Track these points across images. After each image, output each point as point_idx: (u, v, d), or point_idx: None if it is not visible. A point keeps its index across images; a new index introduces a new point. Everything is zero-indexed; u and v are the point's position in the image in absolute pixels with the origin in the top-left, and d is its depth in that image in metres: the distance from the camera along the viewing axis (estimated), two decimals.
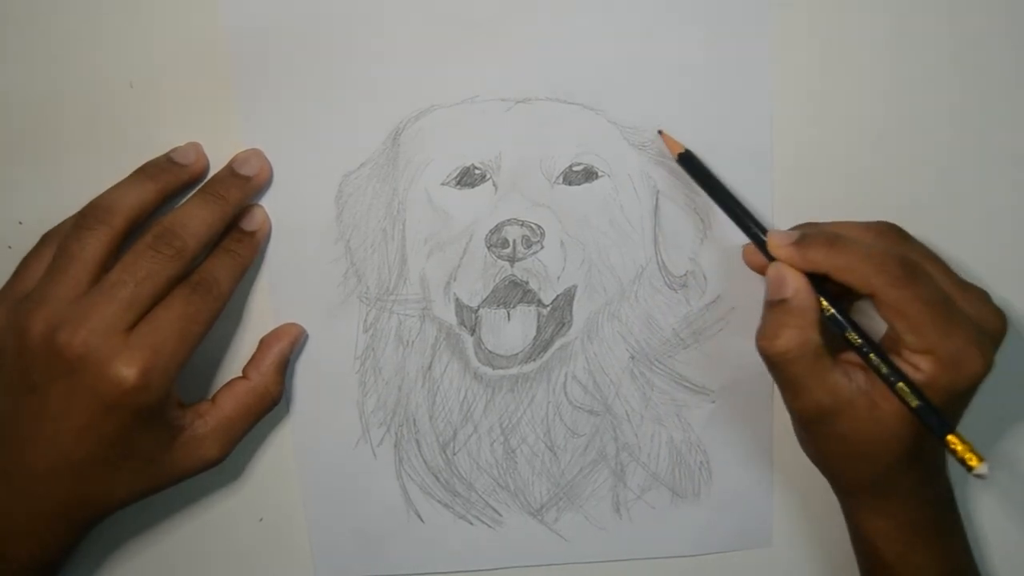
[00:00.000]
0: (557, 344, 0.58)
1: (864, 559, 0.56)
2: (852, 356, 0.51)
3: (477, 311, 0.57)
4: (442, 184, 0.56)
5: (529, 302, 0.57)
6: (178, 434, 0.53)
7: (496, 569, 0.62)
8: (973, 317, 0.49)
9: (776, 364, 0.50)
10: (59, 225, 0.54)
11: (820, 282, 0.50)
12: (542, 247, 0.56)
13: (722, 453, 0.60)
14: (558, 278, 0.57)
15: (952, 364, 0.48)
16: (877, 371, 0.49)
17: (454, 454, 0.60)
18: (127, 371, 0.48)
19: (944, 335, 0.48)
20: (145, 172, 0.53)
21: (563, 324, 0.57)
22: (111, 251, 0.51)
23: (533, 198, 0.56)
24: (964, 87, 0.55)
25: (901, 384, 0.48)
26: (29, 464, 0.50)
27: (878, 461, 0.51)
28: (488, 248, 0.56)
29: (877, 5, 0.54)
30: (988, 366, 0.49)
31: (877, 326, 0.51)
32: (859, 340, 0.50)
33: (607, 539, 0.61)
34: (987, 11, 0.54)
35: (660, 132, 0.55)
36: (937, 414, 0.48)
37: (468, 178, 0.56)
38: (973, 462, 0.47)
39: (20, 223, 0.56)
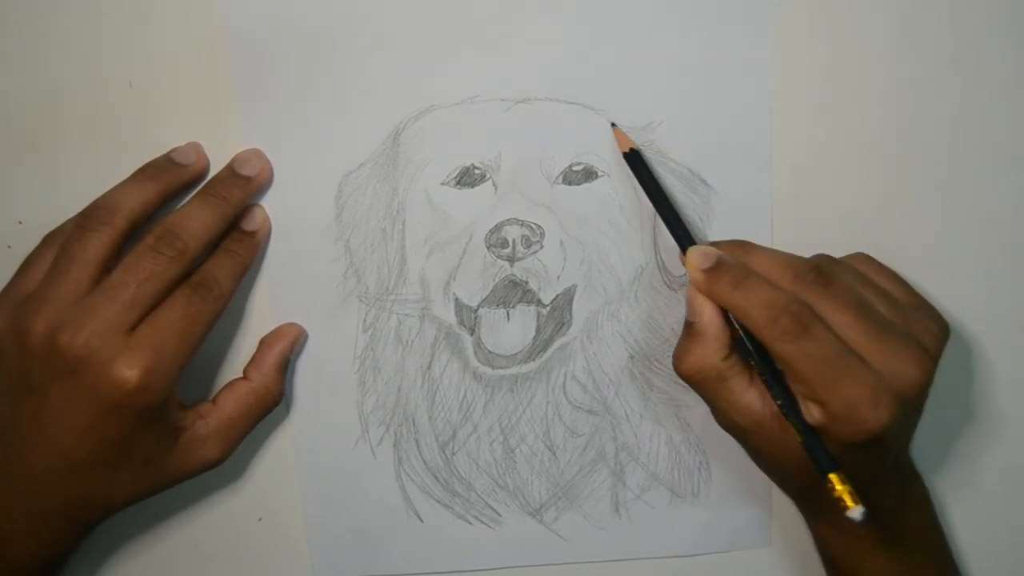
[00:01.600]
0: (556, 344, 0.58)
1: (822, 560, 0.56)
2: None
3: (476, 311, 0.57)
4: (442, 184, 0.56)
5: (529, 302, 0.57)
6: (179, 435, 0.53)
7: (495, 569, 0.62)
8: (881, 368, 0.48)
9: (687, 383, 0.52)
10: (61, 226, 0.54)
11: None
12: (542, 247, 0.56)
13: (721, 453, 0.60)
14: (558, 278, 0.56)
15: (842, 418, 0.47)
16: (774, 400, 0.50)
17: (453, 454, 0.60)
18: (129, 372, 0.48)
19: (831, 391, 0.47)
20: (146, 173, 0.53)
21: (563, 324, 0.57)
22: (113, 252, 0.51)
23: (533, 198, 0.56)
24: (964, 87, 0.54)
25: (792, 418, 0.49)
26: (30, 465, 0.50)
27: (796, 479, 0.52)
28: (488, 248, 0.56)
29: (877, 5, 0.53)
30: (884, 423, 0.47)
31: None
32: (760, 369, 0.50)
33: (606, 539, 0.61)
34: (987, 11, 0.53)
35: (613, 125, 0.54)
36: (823, 452, 0.48)
37: (468, 178, 0.56)
38: (848, 504, 0.48)
39: (20, 223, 0.56)
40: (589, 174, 0.56)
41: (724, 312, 0.50)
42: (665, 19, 0.53)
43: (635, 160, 0.54)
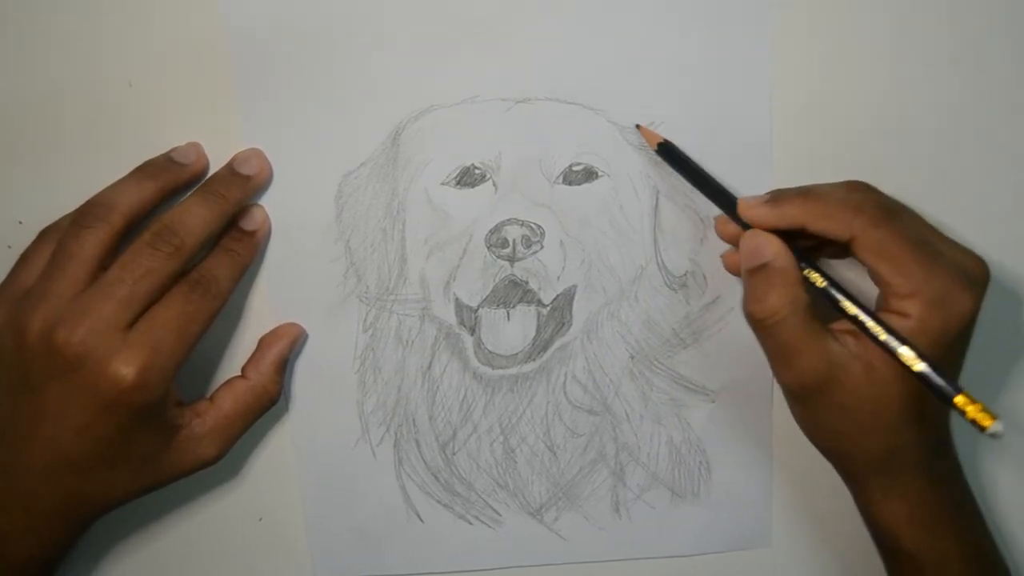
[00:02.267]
0: (557, 344, 0.58)
1: (885, 550, 0.53)
2: (841, 324, 0.49)
3: (477, 311, 0.57)
4: (442, 184, 0.56)
5: (529, 302, 0.57)
6: (176, 433, 0.52)
7: (495, 569, 0.62)
8: (958, 261, 0.48)
9: (768, 328, 0.49)
10: (57, 221, 0.54)
11: (799, 251, 0.50)
12: (542, 247, 0.56)
13: (722, 453, 0.60)
14: (558, 278, 0.56)
15: (940, 304, 0.47)
16: (876, 338, 0.47)
17: (453, 454, 0.59)
18: (125, 370, 0.48)
19: (929, 274, 0.47)
20: (144, 171, 0.53)
21: (563, 324, 0.57)
22: (110, 249, 0.51)
23: (533, 198, 0.56)
24: (964, 87, 0.54)
25: (903, 349, 0.47)
26: (27, 463, 0.50)
27: (882, 430, 0.49)
28: (488, 248, 0.56)
29: (877, 5, 0.53)
30: (976, 307, 0.48)
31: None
32: (855, 308, 0.48)
33: (606, 539, 0.61)
34: (987, 11, 0.53)
35: (638, 126, 0.54)
36: (944, 375, 0.46)
37: (468, 178, 0.56)
38: (986, 422, 0.45)
39: (20, 223, 0.55)
40: (589, 174, 0.56)
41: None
42: (665, 19, 0.53)
43: (668, 151, 0.54)
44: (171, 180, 0.53)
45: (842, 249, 0.50)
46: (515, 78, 0.54)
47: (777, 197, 0.50)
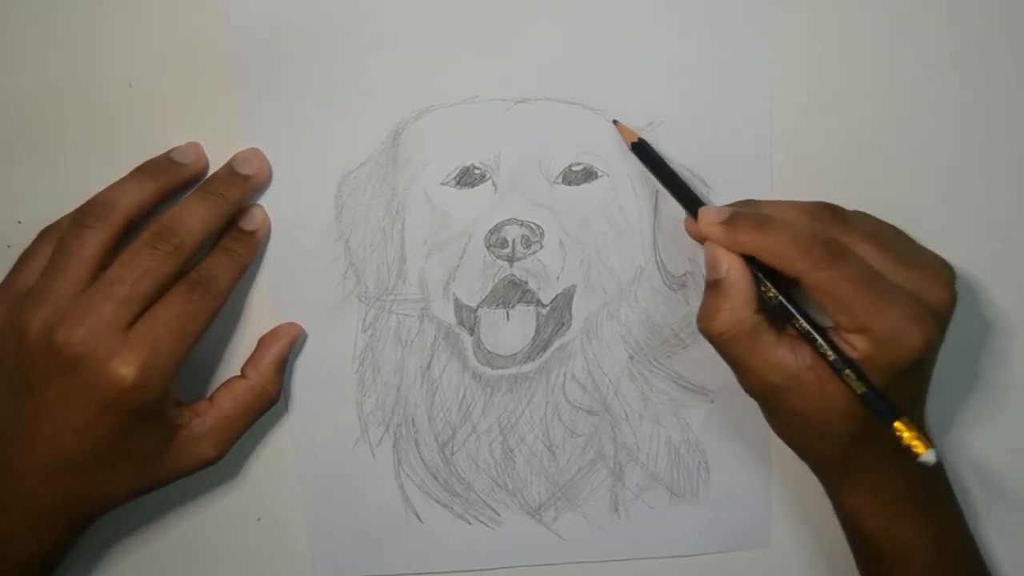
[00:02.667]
0: (556, 344, 0.57)
1: (850, 536, 0.55)
2: (795, 333, 0.50)
3: (476, 311, 0.57)
4: (441, 184, 0.56)
5: (528, 302, 0.56)
6: (176, 433, 0.52)
7: (494, 569, 0.62)
8: (912, 291, 0.48)
9: (716, 344, 0.50)
10: (57, 221, 0.53)
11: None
12: (541, 247, 0.56)
13: (721, 453, 0.59)
14: (557, 278, 0.56)
15: (887, 341, 0.47)
16: (825, 358, 0.48)
17: (453, 454, 0.59)
18: (125, 370, 0.48)
19: (874, 313, 0.47)
20: (144, 171, 0.53)
21: (562, 324, 0.57)
22: (110, 249, 0.50)
23: (532, 198, 0.55)
24: (964, 87, 0.54)
25: (847, 371, 0.48)
26: (27, 463, 0.50)
27: (835, 437, 0.50)
28: (487, 248, 0.56)
29: (877, 5, 0.53)
30: (928, 341, 0.47)
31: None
32: (805, 327, 0.49)
33: (605, 539, 0.61)
34: (987, 11, 0.53)
35: (615, 122, 0.54)
36: (884, 400, 0.47)
37: (467, 178, 0.55)
38: (920, 449, 0.46)
39: (20, 223, 0.55)
40: (589, 174, 0.56)
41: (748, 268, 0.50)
42: (665, 19, 0.53)
43: (642, 150, 0.53)
44: (171, 180, 0.53)
45: None
46: (515, 78, 0.54)
47: (734, 220, 0.50)
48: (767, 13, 0.53)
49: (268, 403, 0.56)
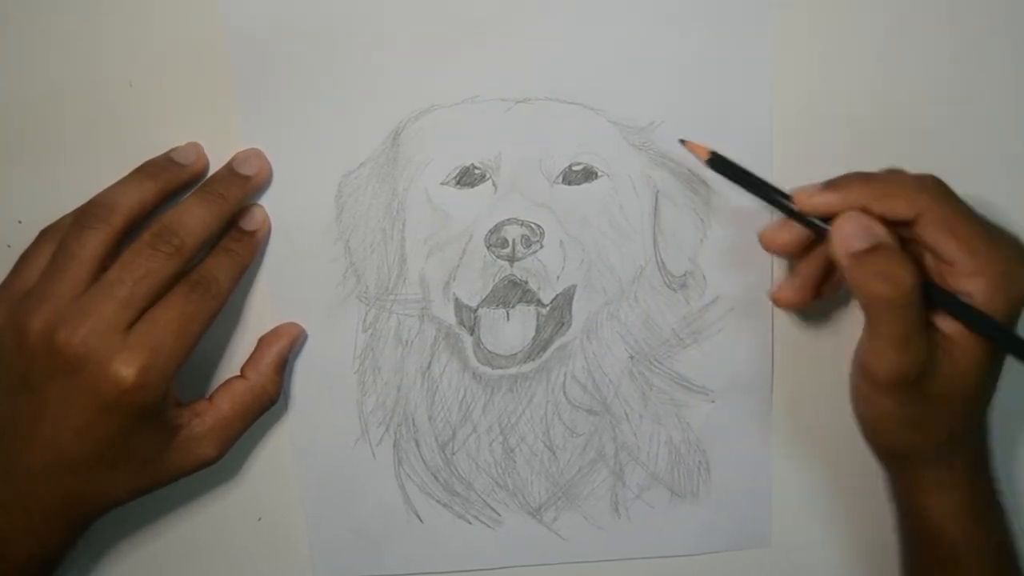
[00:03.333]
0: (556, 344, 0.57)
1: (920, 541, 0.53)
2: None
3: (476, 311, 0.56)
4: (442, 184, 0.55)
5: (528, 302, 0.56)
6: (176, 433, 0.52)
7: (495, 569, 0.61)
8: (1010, 238, 0.49)
9: (897, 309, 0.47)
10: (58, 221, 0.53)
11: None
12: (541, 247, 0.55)
13: (721, 453, 0.59)
14: (557, 278, 0.56)
15: (1004, 282, 0.47)
16: (963, 317, 0.47)
17: (453, 454, 0.59)
18: (126, 370, 0.48)
19: (992, 252, 0.47)
20: (145, 171, 0.53)
21: (562, 324, 0.57)
22: (110, 249, 0.50)
23: (533, 198, 0.55)
24: (964, 87, 0.54)
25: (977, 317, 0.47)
26: (28, 463, 0.50)
27: (956, 415, 0.50)
28: (487, 248, 0.55)
29: (877, 5, 0.53)
30: None
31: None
32: (948, 294, 0.48)
33: (606, 539, 0.61)
34: (987, 11, 0.53)
35: (683, 141, 0.52)
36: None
37: (468, 178, 0.55)
38: None
39: (20, 223, 0.55)
40: (589, 174, 0.55)
41: None
42: (665, 19, 0.53)
43: (719, 163, 0.52)
44: (171, 180, 0.53)
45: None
46: (515, 78, 0.54)
47: (835, 183, 0.49)
48: (767, 13, 0.53)
49: (267, 403, 0.55)
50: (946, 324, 0.49)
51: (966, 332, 0.48)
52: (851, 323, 0.57)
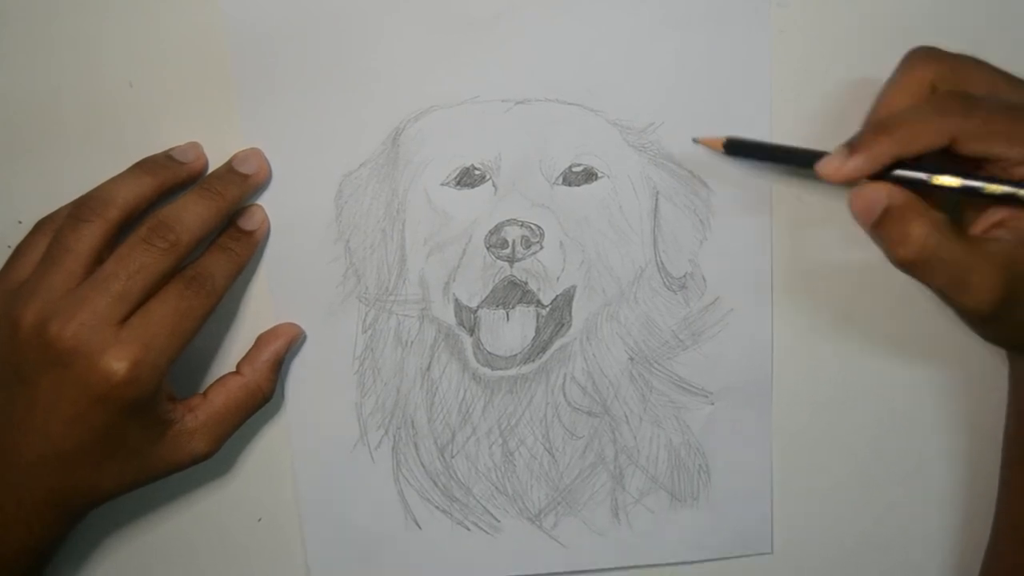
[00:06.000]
0: (556, 345, 0.56)
1: None
2: (982, 223, 0.47)
3: (476, 311, 0.56)
4: (442, 184, 0.55)
5: (528, 303, 0.56)
6: (168, 428, 0.52)
7: None
8: None
9: (927, 264, 0.46)
10: (53, 213, 0.53)
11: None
12: (541, 248, 0.55)
13: (721, 456, 0.58)
14: (557, 279, 0.55)
15: None
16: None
17: (452, 457, 0.58)
18: (117, 364, 0.48)
19: None
20: (143, 166, 0.52)
21: (562, 325, 0.56)
22: (106, 243, 0.50)
23: (533, 199, 0.55)
24: None
25: None
26: (18, 454, 0.50)
27: None
28: (487, 248, 0.55)
29: (877, 5, 0.53)
30: None
31: None
32: (1001, 189, 0.46)
33: (606, 545, 0.60)
34: (987, 11, 0.53)
35: (696, 140, 0.53)
36: None
37: (468, 179, 0.55)
38: None
39: (20, 223, 0.54)
40: (589, 175, 0.55)
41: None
42: (665, 19, 0.53)
43: (736, 146, 0.52)
44: (169, 177, 0.52)
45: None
46: (515, 79, 0.53)
47: (858, 144, 0.47)
48: (767, 13, 0.53)
49: (261, 400, 0.55)
50: (1014, 218, 0.46)
51: None
52: (851, 323, 0.57)
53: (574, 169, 0.55)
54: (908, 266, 0.46)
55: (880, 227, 0.46)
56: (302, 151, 0.54)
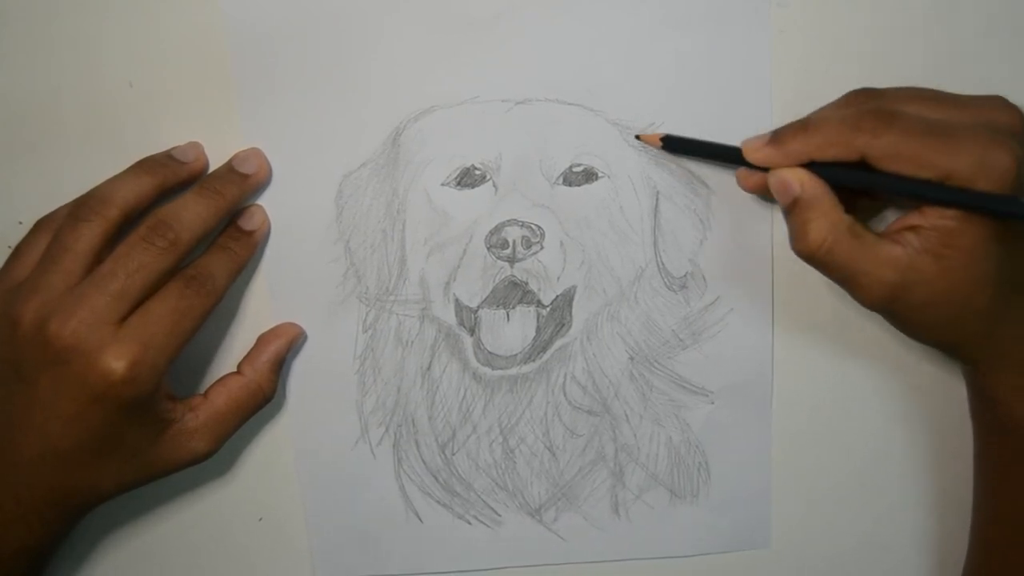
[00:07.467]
0: (556, 345, 0.56)
1: (989, 427, 0.52)
2: (897, 225, 0.48)
3: (476, 311, 0.55)
4: (442, 184, 0.54)
5: (528, 303, 0.55)
6: (167, 427, 0.51)
7: (494, 569, 0.60)
8: (982, 122, 0.46)
9: (821, 260, 0.48)
10: (53, 212, 0.52)
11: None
12: (542, 248, 0.54)
13: (721, 454, 0.58)
14: (557, 279, 0.55)
15: (977, 173, 0.45)
16: (947, 200, 0.45)
17: (453, 454, 0.58)
18: (116, 363, 0.47)
19: (952, 153, 0.45)
20: (143, 166, 0.51)
21: (562, 325, 0.56)
22: (105, 242, 0.49)
23: (533, 199, 0.54)
24: (964, 87, 0.53)
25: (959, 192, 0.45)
26: (18, 452, 0.49)
27: (975, 309, 0.47)
28: (488, 249, 0.54)
29: (877, 5, 0.52)
30: (1017, 158, 0.45)
31: None
32: (915, 185, 0.46)
33: (606, 539, 0.60)
34: (988, 11, 0.52)
35: (638, 137, 0.53)
36: (1015, 200, 0.44)
37: (468, 179, 0.54)
38: None
39: (20, 223, 0.54)
40: (589, 175, 0.54)
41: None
42: (665, 20, 0.52)
43: (674, 143, 0.52)
44: (169, 176, 0.51)
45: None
46: (515, 79, 0.53)
47: (778, 135, 0.48)
48: (767, 13, 0.52)
49: (262, 400, 0.54)
50: (931, 216, 0.46)
51: (955, 216, 0.46)
52: (851, 323, 0.56)
53: (574, 169, 0.54)
54: (803, 259, 0.48)
55: (788, 215, 0.48)
56: (302, 151, 0.53)
